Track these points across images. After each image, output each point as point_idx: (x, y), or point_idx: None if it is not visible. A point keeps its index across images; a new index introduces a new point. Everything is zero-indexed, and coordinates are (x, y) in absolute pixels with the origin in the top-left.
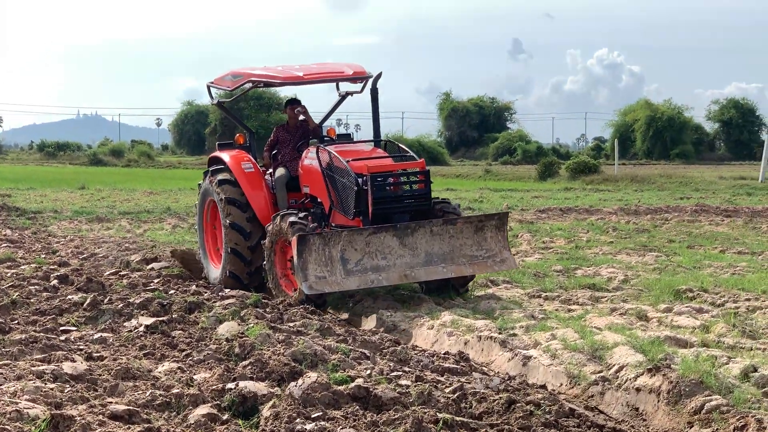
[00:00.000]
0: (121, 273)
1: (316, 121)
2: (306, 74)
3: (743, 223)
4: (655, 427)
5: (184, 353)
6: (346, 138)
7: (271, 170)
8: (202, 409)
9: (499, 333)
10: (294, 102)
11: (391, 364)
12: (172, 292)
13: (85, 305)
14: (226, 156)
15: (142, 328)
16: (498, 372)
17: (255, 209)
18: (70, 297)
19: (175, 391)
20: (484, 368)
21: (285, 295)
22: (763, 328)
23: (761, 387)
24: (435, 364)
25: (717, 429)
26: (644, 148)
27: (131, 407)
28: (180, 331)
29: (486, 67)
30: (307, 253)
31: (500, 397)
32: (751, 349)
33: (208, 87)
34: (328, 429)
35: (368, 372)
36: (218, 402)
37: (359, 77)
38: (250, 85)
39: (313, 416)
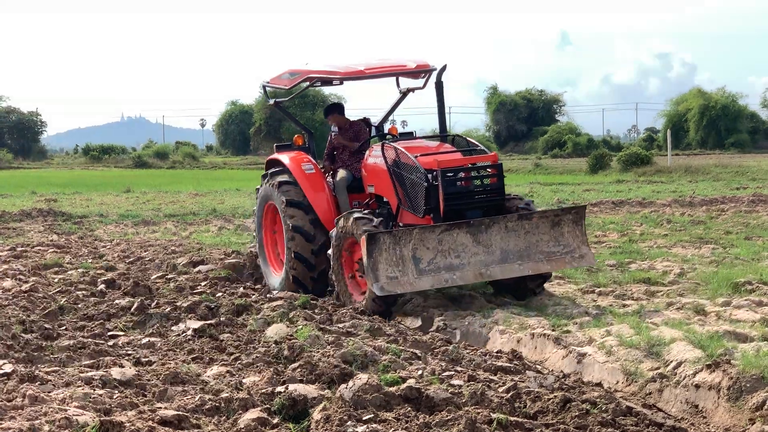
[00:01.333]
0: (168, 276)
1: (377, 119)
2: (367, 69)
3: None
4: (716, 424)
5: (232, 356)
6: (409, 136)
7: (331, 174)
8: (252, 413)
9: (553, 330)
10: (335, 108)
11: (443, 364)
12: (219, 294)
13: (132, 310)
14: (285, 158)
15: (190, 332)
16: (552, 370)
17: (317, 211)
18: (117, 302)
19: (224, 395)
20: (537, 366)
21: (352, 300)
22: None
23: None
24: (488, 363)
25: None
26: (698, 138)
27: (180, 412)
28: (228, 335)
29: (533, 60)
30: (377, 252)
31: (555, 396)
32: None
33: (264, 87)
34: (380, 431)
35: (420, 372)
36: (268, 406)
37: (422, 70)
38: (308, 83)
39: (364, 418)
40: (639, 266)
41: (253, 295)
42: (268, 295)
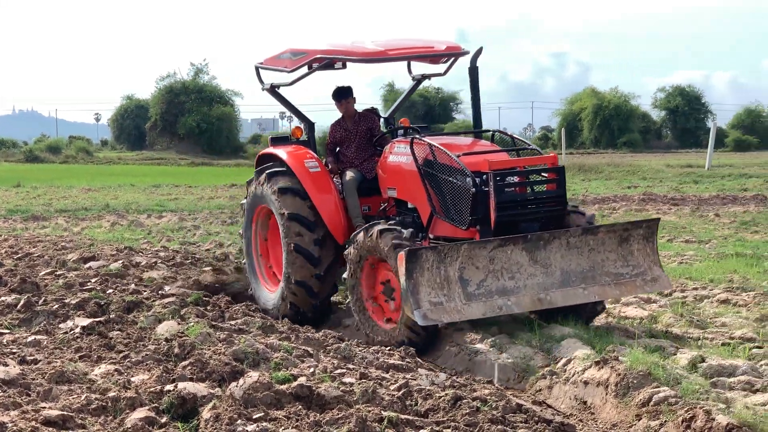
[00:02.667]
0: (57, 273)
1: (385, 112)
2: (389, 50)
3: (690, 211)
4: (604, 420)
5: (121, 354)
6: (425, 129)
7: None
8: (140, 413)
9: (445, 328)
10: (347, 92)
11: (335, 362)
12: (110, 291)
13: (18, 307)
14: (283, 153)
15: (78, 330)
16: (444, 368)
17: (324, 217)
18: (3, 299)
19: (111, 394)
20: (430, 364)
21: (373, 327)
22: (711, 317)
23: (709, 377)
24: (380, 360)
25: (665, 421)
26: (591, 137)
27: (65, 412)
28: (118, 332)
29: None
30: (418, 272)
31: (446, 394)
32: (699, 339)
33: (257, 68)
34: (270, 430)
35: (312, 370)
36: (156, 405)
37: (453, 53)
38: (317, 64)
39: (254, 417)
40: None
41: (145, 291)
42: (159, 292)
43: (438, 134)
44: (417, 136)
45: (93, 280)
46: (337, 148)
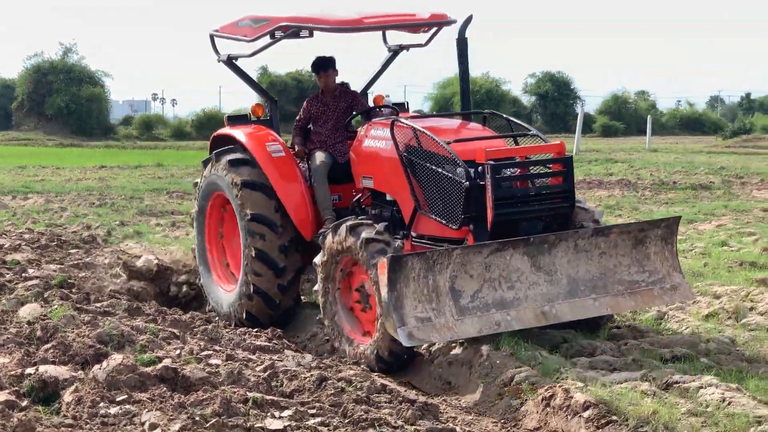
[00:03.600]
0: None
1: (358, 87)
2: (365, 18)
3: None
4: (467, 400)
5: None
6: (401, 107)
7: (304, 160)
8: (0, 396)
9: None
10: (328, 63)
11: (202, 344)
12: None
13: None
14: (241, 135)
15: None
16: (311, 349)
17: (290, 211)
18: None
19: None
20: (297, 346)
21: (350, 341)
22: None
23: (570, 357)
24: (247, 342)
25: (526, 399)
26: None
27: None
28: None
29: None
30: (402, 283)
31: (311, 375)
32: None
33: (212, 37)
34: (134, 412)
35: (177, 352)
36: (17, 388)
37: (439, 23)
38: (281, 34)
39: (117, 399)
40: None
41: (8, 274)
42: (23, 275)
43: (424, 116)
44: (398, 117)
45: None
46: (309, 126)
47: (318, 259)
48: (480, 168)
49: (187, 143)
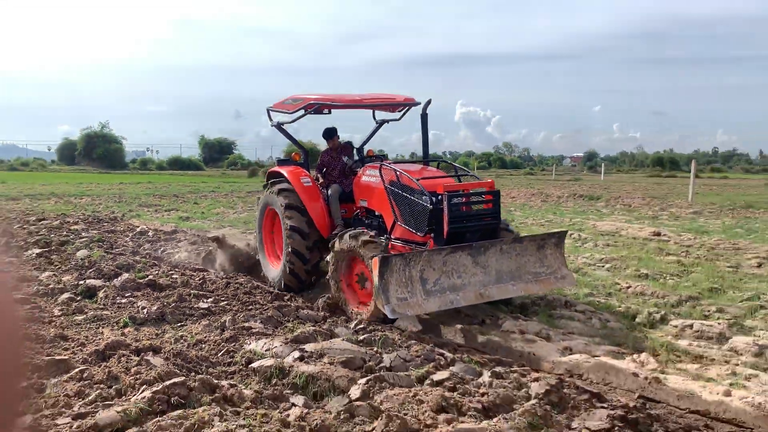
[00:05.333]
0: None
1: (356, 145)
2: (364, 99)
3: None
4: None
5: (56, 267)
6: (383, 157)
7: (323, 188)
8: (65, 295)
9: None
10: (333, 132)
11: (169, 268)
12: (51, 235)
13: (0, 245)
14: (284, 171)
15: (34, 255)
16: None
17: (313, 217)
18: None
19: (51, 285)
20: None
21: (349, 306)
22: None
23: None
24: (192, 266)
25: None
26: None
27: (26, 296)
28: (55, 256)
29: None
30: (388, 274)
31: (223, 281)
32: None
33: (268, 111)
34: (134, 301)
35: (156, 272)
36: (75, 291)
37: (409, 104)
38: (309, 108)
39: (125, 295)
40: None
41: (71, 235)
42: (79, 236)
43: (398, 162)
44: (384, 163)
45: (43, 230)
46: (324, 169)
47: (334, 251)
48: (439, 197)
49: (160, 172)
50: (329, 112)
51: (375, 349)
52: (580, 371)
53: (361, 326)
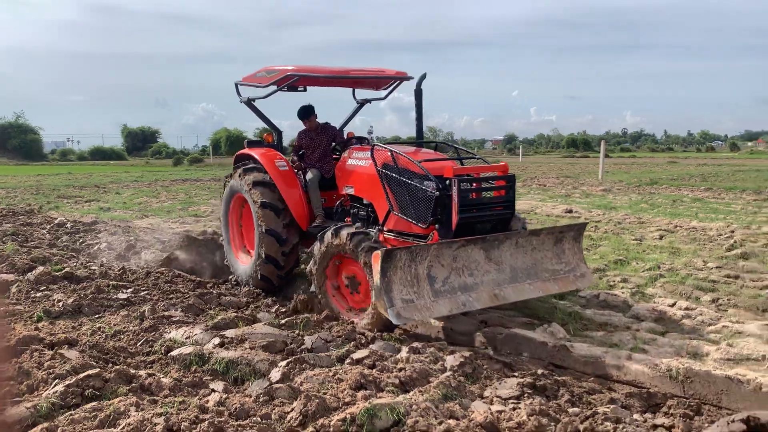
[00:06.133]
0: None
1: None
2: (351, 71)
3: None
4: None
5: None
6: (363, 140)
7: (300, 173)
8: None
9: None
10: (310, 110)
11: (87, 259)
12: None
13: None
14: (257, 154)
15: None
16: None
17: (290, 207)
18: None
19: None
20: None
21: (336, 312)
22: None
23: None
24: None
25: None
26: None
27: None
28: None
29: None
30: (392, 271)
31: (143, 270)
32: None
33: (236, 85)
34: (49, 295)
35: (74, 263)
36: None
37: (401, 78)
38: (287, 81)
39: (40, 289)
40: None
41: None
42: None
43: (390, 143)
44: (377, 143)
45: None
46: (302, 152)
47: (316, 251)
48: (447, 181)
49: (81, 163)
50: (304, 90)
51: (297, 332)
52: (495, 343)
53: (283, 310)
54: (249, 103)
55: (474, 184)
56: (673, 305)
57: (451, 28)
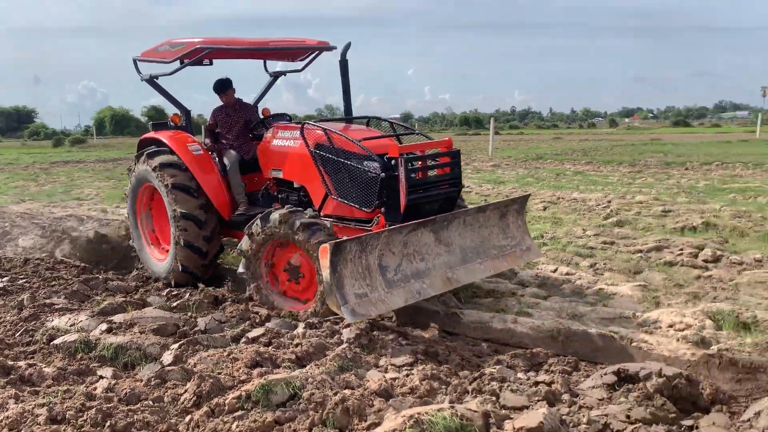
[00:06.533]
0: None
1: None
2: (270, 43)
3: None
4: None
5: None
6: (282, 117)
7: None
8: None
9: None
10: (227, 84)
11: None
12: None
13: None
14: (164, 137)
15: None
16: None
17: (209, 195)
18: None
19: None
20: None
21: (276, 305)
22: None
23: None
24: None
25: None
26: None
27: None
28: None
29: None
30: (342, 265)
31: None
32: None
33: (135, 61)
34: None
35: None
36: None
37: (324, 48)
38: (196, 55)
39: None
40: None
41: None
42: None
43: (319, 120)
44: (307, 122)
45: None
46: (217, 131)
47: (248, 244)
48: (392, 161)
49: None
50: (210, 63)
51: (189, 314)
52: (390, 314)
53: (175, 292)
54: (151, 80)
55: (419, 163)
56: (555, 271)
57: (346, 4)
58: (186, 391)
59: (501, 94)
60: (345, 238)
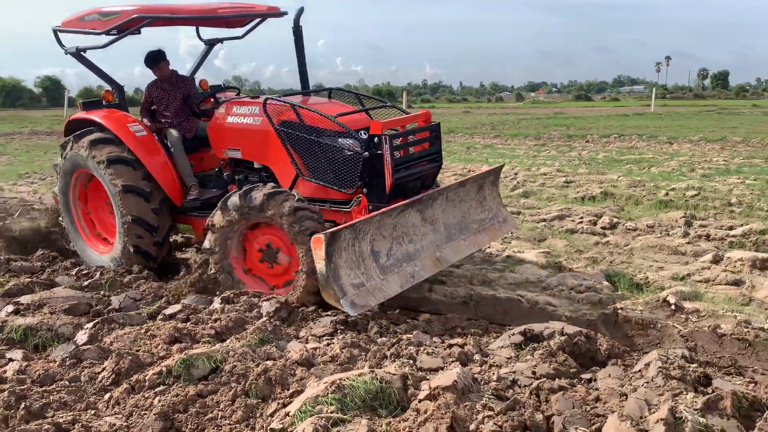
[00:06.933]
0: None
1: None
2: (220, 9)
3: None
4: None
5: None
6: (218, 88)
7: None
8: None
9: None
10: (160, 56)
11: None
12: None
13: None
14: (100, 118)
15: None
16: None
17: (160, 182)
18: None
19: None
20: None
21: (249, 291)
22: None
23: None
24: None
25: None
26: None
27: None
28: None
29: None
30: (337, 255)
31: None
32: None
33: (55, 32)
34: None
35: None
36: None
37: (275, 13)
38: (133, 24)
39: None
40: None
41: None
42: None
43: (278, 96)
44: (271, 96)
45: None
46: (153, 107)
47: (216, 225)
48: (375, 139)
49: None
50: (138, 32)
51: (102, 292)
52: None
53: (85, 271)
54: (78, 54)
55: (400, 140)
56: None
57: None
58: (104, 369)
59: (413, 66)
60: (341, 226)
